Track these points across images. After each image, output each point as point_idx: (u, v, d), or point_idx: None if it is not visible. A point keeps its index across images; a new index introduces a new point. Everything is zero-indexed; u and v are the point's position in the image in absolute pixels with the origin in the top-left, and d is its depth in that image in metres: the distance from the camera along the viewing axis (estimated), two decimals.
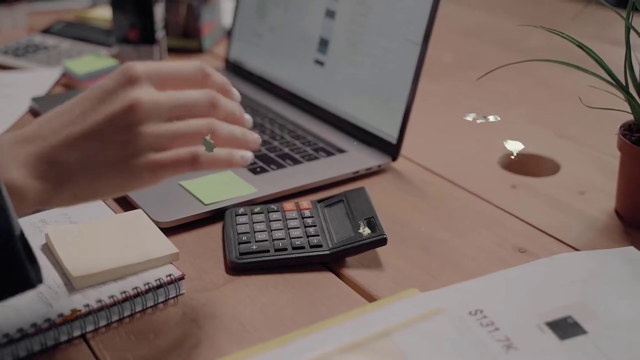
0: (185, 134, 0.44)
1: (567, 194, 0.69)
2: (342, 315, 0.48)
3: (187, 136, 0.44)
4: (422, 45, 0.70)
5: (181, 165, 0.43)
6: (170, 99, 0.43)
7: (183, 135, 0.44)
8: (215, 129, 0.45)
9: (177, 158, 0.43)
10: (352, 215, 0.59)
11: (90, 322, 0.48)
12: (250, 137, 0.48)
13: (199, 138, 0.44)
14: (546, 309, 0.48)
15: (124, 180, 0.43)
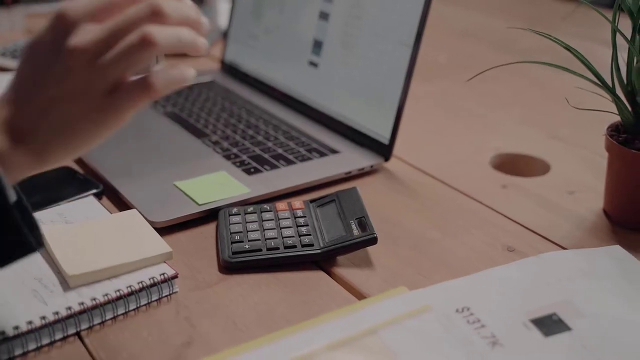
0: (124, 25, 0.41)
1: (557, 193, 0.70)
2: (331, 312, 0.49)
3: (126, 30, 0.41)
4: (414, 47, 0.71)
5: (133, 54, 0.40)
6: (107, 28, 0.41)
7: (122, 29, 0.41)
8: (152, 41, 0.41)
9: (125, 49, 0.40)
10: (343, 215, 0.60)
11: (85, 320, 0.49)
12: (200, 40, 0.44)
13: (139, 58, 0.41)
14: (532, 306, 0.49)
15: (95, 120, 0.42)
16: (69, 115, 0.42)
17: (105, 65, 0.41)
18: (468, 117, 0.91)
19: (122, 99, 0.42)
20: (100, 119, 0.42)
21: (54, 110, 0.42)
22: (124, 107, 0.42)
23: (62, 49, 0.41)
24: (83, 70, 0.41)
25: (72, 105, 0.42)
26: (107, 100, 0.42)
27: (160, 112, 0.85)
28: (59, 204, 0.63)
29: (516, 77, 1.04)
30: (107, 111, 0.42)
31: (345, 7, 0.79)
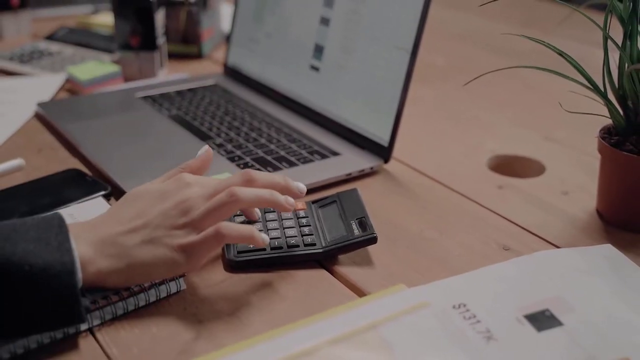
0: (214, 209, 0.52)
1: (551, 194, 0.72)
2: (332, 309, 0.51)
3: (215, 212, 0.52)
4: (412, 53, 0.73)
5: (210, 242, 0.51)
6: (205, 207, 0.53)
7: (212, 212, 0.52)
8: (236, 197, 0.53)
9: (206, 236, 0.51)
10: (344, 215, 0.62)
11: (97, 317, 0.51)
12: (282, 198, 0.56)
13: (227, 210, 0.53)
14: (525, 302, 0.51)
15: (170, 260, 0.51)
16: (154, 240, 0.51)
17: (200, 217, 0.52)
18: (464, 119, 0.93)
19: (201, 248, 0.51)
20: (183, 261, 0.52)
21: (146, 234, 0.51)
22: (201, 255, 0.52)
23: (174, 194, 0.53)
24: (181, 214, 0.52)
25: (159, 232, 0.51)
26: (188, 247, 0.51)
27: (165, 115, 0.87)
28: (69, 205, 0.65)
29: (511, 80, 1.06)
30: (190, 256, 0.52)
31: (345, 12, 0.81)
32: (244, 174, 0.55)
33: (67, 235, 0.47)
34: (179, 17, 1.11)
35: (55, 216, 0.49)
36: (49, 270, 0.45)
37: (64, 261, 0.46)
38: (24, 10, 1.22)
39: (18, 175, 0.74)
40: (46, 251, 0.46)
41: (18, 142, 0.82)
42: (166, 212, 0.52)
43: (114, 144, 0.78)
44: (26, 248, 0.45)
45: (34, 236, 0.46)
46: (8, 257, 0.45)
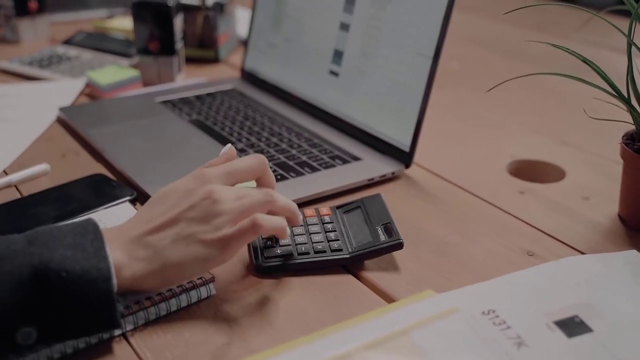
0: (250, 205, 0.53)
1: (573, 199, 0.73)
2: (363, 315, 0.52)
3: (251, 207, 0.53)
4: (434, 59, 0.73)
5: (246, 233, 0.52)
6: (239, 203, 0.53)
7: (248, 208, 0.53)
8: (272, 198, 0.55)
9: (241, 228, 0.52)
10: (369, 220, 0.63)
11: (130, 322, 0.51)
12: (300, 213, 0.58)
13: (261, 208, 0.54)
14: (554, 308, 0.52)
15: (204, 255, 0.51)
16: (186, 236, 0.51)
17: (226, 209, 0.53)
18: (482, 124, 0.94)
19: (237, 239, 0.52)
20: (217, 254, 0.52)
21: (177, 230, 0.51)
22: (235, 247, 0.52)
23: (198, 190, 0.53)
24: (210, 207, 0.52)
25: (191, 228, 0.51)
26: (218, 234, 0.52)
27: (185, 120, 0.87)
28: (96, 211, 0.65)
29: (527, 84, 1.06)
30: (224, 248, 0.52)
31: (365, 18, 0.82)
32: (265, 194, 0.55)
33: (103, 242, 0.48)
34: (196, 22, 1.12)
35: (89, 222, 0.50)
36: (86, 276, 0.46)
37: (100, 267, 0.46)
38: (41, 15, 1.23)
39: (43, 180, 0.74)
40: (83, 257, 0.46)
41: (42, 147, 0.83)
42: (194, 206, 0.52)
43: (137, 149, 0.79)
44: (64, 254, 0.46)
45: (70, 242, 0.47)
46: (46, 264, 0.45)
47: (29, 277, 0.45)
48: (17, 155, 0.80)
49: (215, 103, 0.94)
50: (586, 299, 0.53)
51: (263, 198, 0.54)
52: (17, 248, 0.46)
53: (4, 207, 0.66)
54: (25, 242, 0.47)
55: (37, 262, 0.45)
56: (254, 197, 0.54)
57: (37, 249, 0.46)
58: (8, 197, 0.70)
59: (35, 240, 0.47)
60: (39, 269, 0.45)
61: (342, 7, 0.85)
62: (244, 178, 0.56)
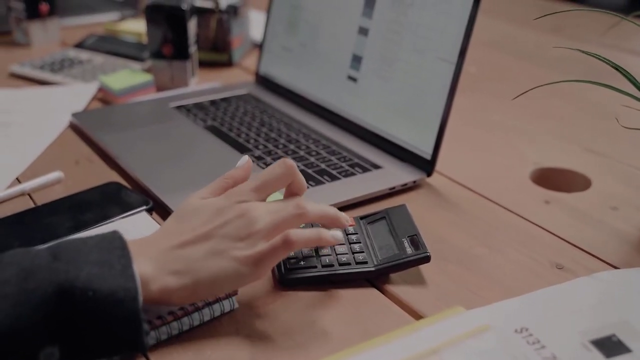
0: (282, 221, 0.52)
1: (600, 209, 0.71)
2: (391, 332, 0.50)
3: (283, 223, 0.52)
4: (457, 64, 0.72)
5: (278, 250, 0.50)
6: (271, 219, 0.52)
7: (280, 224, 0.52)
8: (305, 210, 0.53)
9: (274, 245, 0.50)
10: (394, 232, 0.61)
11: (153, 337, 0.50)
12: (343, 215, 0.56)
13: (294, 222, 0.52)
14: (590, 326, 0.50)
15: (237, 272, 0.50)
16: (218, 253, 0.50)
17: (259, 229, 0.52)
18: (503, 130, 0.92)
19: (269, 257, 0.50)
20: (250, 272, 0.50)
21: (210, 245, 0.50)
22: (268, 264, 0.51)
23: (232, 208, 0.52)
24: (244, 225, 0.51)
25: (223, 245, 0.50)
26: (251, 252, 0.50)
27: (200, 126, 0.86)
28: (112, 220, 0.64)
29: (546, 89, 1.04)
30: (256, 266, 0.50)
31: (385, 22, 0.80)
32: (296, 206, 0.53)
33: (130, 258, 0.46)
34: (209, 25, 1.10)
35: (116, 235, 0.48)
36: (113, 296, 0.44)
37: (127, 287, 0.45)
38: (52, 18, 1.21)
39: (57, 188, 0.73)
40: (110, 276, 0.45)
41: (55, 153, 0.81)
42: (229, 222, 0.51)
43: (152, 157, 0.77)
44: (90, 272, 0.44)
45: (97, 259, 0.45)
46: (72, 282, 0.43)
47: (53, 295, 0.43)
48: (30, 162, 0.78)
49: (230, 108, 0.92)
50: (624, 316, 0.51)
51: (295, 211, 0.52)
52: (42, 263, 0.44)
53: (18, 217, 0.65)
54: (49, 257, 0.45)
55: (63, 279, 0.43)
56: (286, 212, 0.52)
57: (62, 264, 0.44)
58: (22, 206, 0.68)
59: (60, 255, 0.45)
60: (65, 286, 0.43)
61: (361, 11, 0.83)
62: (274, 189, 0.55)
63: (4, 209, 0.68)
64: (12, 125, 0.88)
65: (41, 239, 0.60)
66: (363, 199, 0.71)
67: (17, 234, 0.62)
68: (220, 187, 0.56)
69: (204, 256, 0.50)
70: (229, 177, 0.56)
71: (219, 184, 0.56)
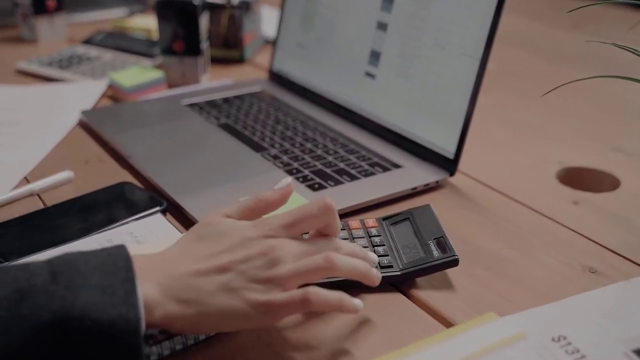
0: (306, 271, 0.47)
1: (632, 210, 0.68)
2: (422, 340, 0.48)
3: (307, 274, 0.47)
4: (482, 60, 0.69)
5: (293, 306, 0.46)
6: (295, 266, 0.47)
7: (303, 274, 0.47)
8: (333, 265, 0.48)
9: (290, 300, 0.46)
10: (420, 234, 0.58)
11: (167, 347, 0.47)
12: (374, 272, 0.51)
13: (319, 274, 0.48)
14: (631, 335, 0.47)
15: (245, 314, 0.45)
16: (231, 290, 0.45)
17: (288, 275, 0.47)
18: (526, 128, 0.89)
19: (282, 309, 0.46)
20: (258, 317, 0.46)
21: (225, 280, 0.46)
22: (279, 316, 0.46)
23: (259, 241, 0.47)
24: (265, 266, 0.47)
25: (238, 282, 0.46)
26: (267, 306, 0.45)
27: (214, 124, 0.83)
28: (126, 222, 0.61)
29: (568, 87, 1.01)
30: (266, 314, 0.46)
31: (405, 17, 0.77)
32: (326, 257, 0.48)
33: (134, 283, 0.42)
34: (221, 21, 1.08)
35: (121, 254, 0.44)
36: (112, 328, 0.40)
37: (129, 318, 0.40)
38: (59, 13, 1.19)
39: (67, 188, 0.70)
40: (111, 304, 0.40)
41: (64, 152, 0.79)
42: (250, 259, 0.46)
43: (165, 156, 0.75)
44: (89, 299, 0.40)
45: (98, 282, 0.41)
46: (68, 310, 0.39)
47: (47, 324, 0.39)
48: (38, 161, 0.76)
49: (244, 106, 0.89)
50: None
51: (323, 265, 0.47)
52: (39, 284, 0.40)
53: (27, 218, 0.62)
54: (48, 276, 0.41)
55: (59, 306, 0.39)
56: (313, 263, 0.47)
57: (60, 288, 0.40)
58: (31, 207, 0.66)
59: (59, 276, 0.41)
60: (61, 315, 0.39)
61: (380, 6, 0.81)
62: (308, 229, 0.50)
63: (12, 210, 0.66)
64: (20, 123, 0.85)
65: (51, 242, 0.57)
66: (384, 200, 0.68)
67: (26, 236, 0.59)
68: (250, 209, 0.51)
69: (215, 290, 0.45)
70: (262, 199, 0.52)
71: (250, 205, 0.51)
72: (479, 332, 0.48)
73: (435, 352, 0.46)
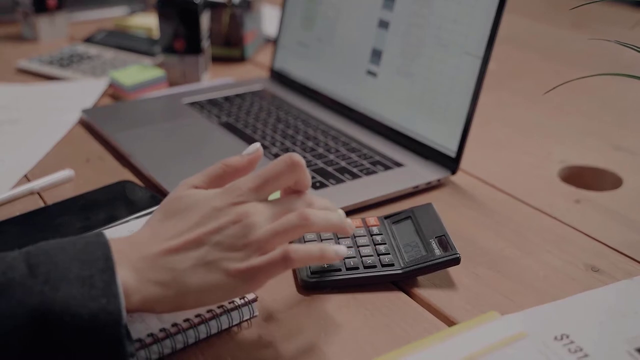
0: (283, 231, 0.46)
1: (634, 209, 0.68)
2: (424, 339, 0.47)
3: (284, 234, 0.46)
4: (484, 59, 0.69)
5: (275, 266, 0.45)
6: (271, 228, 0.46)
7: (280, 234, 0.46)
8: (308, 221, 0.47)
9: (270, 260, 0.45)
10: (421, 232, 0.58)
11: (168, 346, 0.47)
12: (348, 222, 0.50)
13: (295, 233, 0.46)
14: (635, 334, 0.47)
15: (226, 286, 0.44)
16: (210, 262, 0.44)
17: (258, 237, 0.45)
18: (527, 127, 0.89)
19: (265, 273, 0.45)
20: (241, 286, 0.45)
21: (201, 254, 0.45)
22: (262, 280, 0.45)
23: (229, 210, 0.46)
24: (240, 233, 0.45)
25: (216, 254, 0.45)
26: (245, 265, 0.45)
27: (215, 123, 0.83)
28: (126, 221, 0.61)
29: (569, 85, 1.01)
30: (249, 280, 0.45)
31: (407, 15, 0.77)
32: (300, 214, 0.47)
33: (114, 271, 0.41)
34: (222, 19, 1.07)
35: (100, 242, 0.43)
36: (93, 321, 0.39)
37: (110, 310, 0.40)
38: (60, 11, 1.19)
39: (67, 187, 0.70)
40: (90, 297, 0.39)
41: (64, 150, 0.78)
42: (223, 229, 0.45)
43: (166, 154, 0.74)
44: (69, 294, 0.39)
45: (77, 275, 0.40)
46: (48, 306, 0.39)
47: (26, 320, 0.38)
48: (39, 159, 0.75)
49: (245, 105, 0.89)
50: None
51: (297, 222, 0.46)
52: (16, 277, 0.39)
53: (27, 217, 0.62)
54: (25, 270, 0.40)
55: (38, 301, 0.39)
56: (288, 222, 0.46)
57: (38, 283, 0.39)
58: (31, 206, 0.66)
59: (37, 268, 0.40)
60: (40, 310, 0.39)
61: (382, 4, 0.80)
62: (277, 188, 0.49)
63: (13, 208, 0.66)
64: (20, 121, 0.85)
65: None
66: (386, 198, 0.68)
67: (27, 235, 0.59)
68: (218, 176, 0.49)
69: (191, 266, 0.44)
70: (229, 165, 0.50)
71: (217, 172, 0.49)
72: (480, 330, 0.48)
73: (436, 350, 0.46)
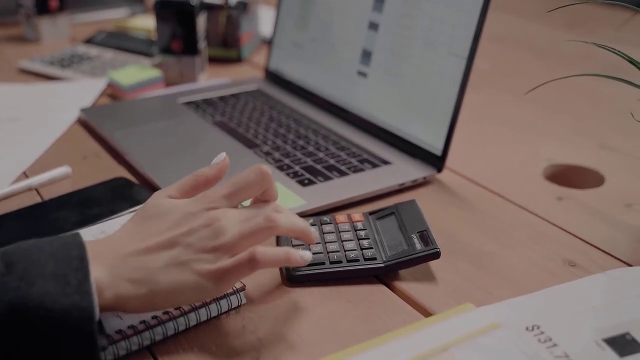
0: (251, 233, 0.49)
1: (614, 206, 0.70)
2: (400, 329, 0.49)
3: (252, 236, 0.49)
4: (468, 59, 0.71)
5: (242, 268, 0.47)
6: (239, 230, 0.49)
7: (248, 236, 0.48)
8: (274, 223, 0.49)
9: (238, 262, 0.47)
10: (404, 228, 0.60)
11: (159, 332, 0.49)
12: (312, 230, 0.53)
13: (263, 236, 0.49)
14: (603, 325, 0.49)
15: (197, 286, 0.47)
16: (180, 263, 0.47)
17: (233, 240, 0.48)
18: (515, 126, 0.91)
19: (232, 274, 0.47)
20: (211, 286, 0.47)
21: (173, 255, 0.47)
22: (231, 281, 0.48)
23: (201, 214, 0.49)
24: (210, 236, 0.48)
25: (187, 255, 0.47)
26: (218, 273, 0.47)
27: (209, 122, 0.85)
28: (120, 215, 0.63)
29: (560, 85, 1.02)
30: (218, 281, 0.47)
31: (396, 17, 0.79)
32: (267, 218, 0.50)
33: (87, 270, 0.43)
34: (218, 21, 1.10)
35: (75, 242, 0.45)
36: (66, 317, 0.41)
37: (82, 307, 0.42)
38: (62, 13, 1.21)
39: (64, 183, 0.72)
40: (64, 293, 0.42)
41: (62, 148, 0.81)
42: (194, 231, 0.48)
43: (160, 152, 0.77)
44: (44, 289, 0.41)
45: (52, 271, 0.42)
46: (23, 301, 0.41)
47: (3, 315, 0.40)
48: (37, 156, 0.78)
49: (239, 104, 0.91)
50: (637, 314, 0.50)
51: (265, 224, 0.49)
52: None
53: (24, 212, 0.64)
54: (2, 268, 0.42)
55: (13, 296, 0.41)
56: (255, 225, 0.49)
57: (14, 279, 0.41)
58: (29, 201, 0.68)
59: (13, 266, 0.42)
60: (15, 306, 0.40)
61: (372, 6, 0.82)
62: (247, 197, 0.52)
63: (11, 204, 0.68)
64: (20, 120, 0.88)
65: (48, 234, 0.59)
66: (372, 195, 0.70)
67: (23, 229, 0.62)
68: (190, 186, 0.52)
69: (164, 266, 0.46)
70: (201, 175, 0.53)
71: (189, 183, 0.53)
72: (455, 321, 0.50)
73: (412, 340, 0.48)
